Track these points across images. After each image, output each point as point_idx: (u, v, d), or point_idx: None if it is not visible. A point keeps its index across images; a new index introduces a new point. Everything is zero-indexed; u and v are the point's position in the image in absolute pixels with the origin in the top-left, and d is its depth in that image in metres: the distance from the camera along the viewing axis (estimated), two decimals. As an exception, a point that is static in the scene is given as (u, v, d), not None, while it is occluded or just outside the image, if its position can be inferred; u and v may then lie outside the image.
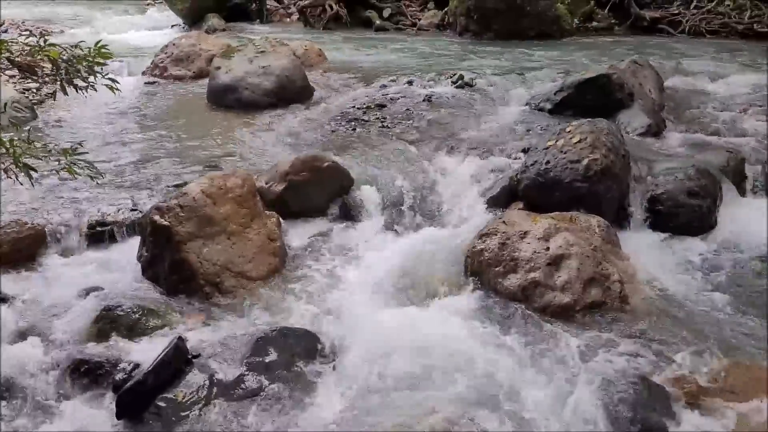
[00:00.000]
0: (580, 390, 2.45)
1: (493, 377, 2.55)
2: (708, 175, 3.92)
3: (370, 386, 2.55)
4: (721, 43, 8.38)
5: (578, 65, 6.41)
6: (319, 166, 3.89)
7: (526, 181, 3.87)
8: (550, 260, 3.14)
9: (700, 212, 3.77)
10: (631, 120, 4.74)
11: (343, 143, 4.64)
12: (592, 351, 2.70)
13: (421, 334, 2.82)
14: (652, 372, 2.56)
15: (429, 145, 4.57)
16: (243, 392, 2.51)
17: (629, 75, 5.18)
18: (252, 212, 3.42)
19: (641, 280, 3.26)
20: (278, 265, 3.37)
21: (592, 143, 3.79)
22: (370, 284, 3.22)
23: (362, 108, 5.20)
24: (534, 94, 5.35)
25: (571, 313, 2.99)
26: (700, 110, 5.17)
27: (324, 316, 3.03)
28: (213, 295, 3.14)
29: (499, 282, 3.16)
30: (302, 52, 6.39)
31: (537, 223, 3.32)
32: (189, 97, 5.86)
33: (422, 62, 7.00)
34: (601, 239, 3.36)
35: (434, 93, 5.50)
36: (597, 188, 3.70)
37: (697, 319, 2.98)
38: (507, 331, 2.85)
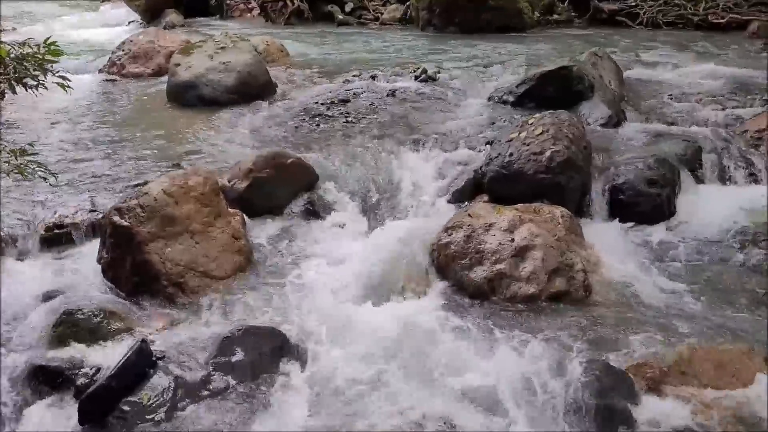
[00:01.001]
0: (546, 378, 2.47)
1: (460, 369, 2.56)
2: (666, 165, 4.00)
3: (338, 384, 2.54)
4: (677, 35, 8.55)
5: (540, 58, 6.47)
6: (282, 163, 3.86)
7: (491, 173, 3.90)
8: (515, 252, 3.17)
9: (659, 201, 3.84)
10: (591, 111, 4.81)
11: (307, 139, 4.60)
12: (556, 339, 2.73)
13: (389, 329, 2.81)
14: (616, 359, 2.60)
15: (393, 139, 4.57)
16: (209, 393, 2.48)
17: (589, 67, 5.25)
18: (215, 211, 3.37)
19: (604, 269, 3.31)
20: (243, 263, 3.33)
21: (554, 135, 3.83)
22: (337, 281, 3.20)
23: (326, 103, 5.17)
24: (497, 87, 5.40)
25: (536, 303, 3.02)
26: (658, 100, 5.27)
27: (291, 313, 3.00)
28: (177, 295, 3.09)
29: (465, 274, 3.18)
30: (264, 48, 6.32)
31: (502, 215, 3.34)
32: (148, 95, 5.75)
33: (385, 57, 7.00)
34: (564, 229, 3.40)
35: (398, 87, 5.50)
36: (560, 179, 3.74)
37: (659, 306, 3.03)
38: (474, 324, 2.86)
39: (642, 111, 5.08)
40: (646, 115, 5.00)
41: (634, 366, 2.54)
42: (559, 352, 2.64)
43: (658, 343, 2.71)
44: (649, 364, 2.55)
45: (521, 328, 2.84)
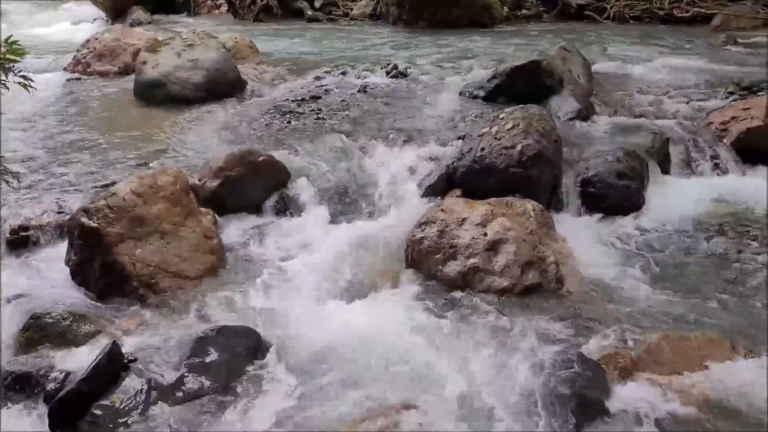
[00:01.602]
0: (520, 370, 2.50)
1: (436, 363, 2.57)
2: (635, 157, 4.06)
3: (314, 382, 2.52)
4: (643, 29, 8.69)
5: (509, 53, 6.51)
6: (254, 161, 3.82)
7: (463, 168, 3.91)
8: (488, 245, 3.18)
9: (629, 192, 3.90)
10: (561, 105, 4.86)
11: (278, 136, 4.57)
12: (530, 332, 2.76)
13: (364, 325, 2.81)
14: (588, 349, 2.63)
15: (365, 135, 4.56)
16: (183, 394, 2.45)
17: (558, 61, 5.30)
18: (186, 210, 3.32)
19: (576, 261, 3.35)
20: (216, 263, 3.29)
21: (525, 129, 3.85)
22: (311, 278, 3.19)
23: (297, 100, 5.14)
24: (467, 82, 5.42)
25: (510, 296, 3.04)
26: (626, 94, 5.34)
27: (265, 312, 2.97)
28: (148, 296, 3.04)
29: (439, 269, 3.19)
30: (233, 45, 6.26)
31: (474, 209, 3.36)
32: (115, 94, 5.65)
33: (356, 53, 6.98)
34: (536, 223, 3.43)
35: (369, 83, 5.50)
36: (531, 173, 3.77)
37: (630, 296, 3.08)
38: (448, 318, 2.88)
39: (610, 104, 5.15)
40: (614, 109, 5.07)
41: (607, 356, 2.57)
42: (533, 344, 2.67)
43: (629, 332, 2.75)
44: (620, 354, 2.59)
45: (495, 321, 2.86)
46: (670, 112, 4.97)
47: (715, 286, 3.17)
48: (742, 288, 3.14)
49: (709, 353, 2.62)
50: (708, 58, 6.48)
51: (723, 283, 3.19)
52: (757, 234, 3.54)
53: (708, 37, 7.95)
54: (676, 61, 6.21)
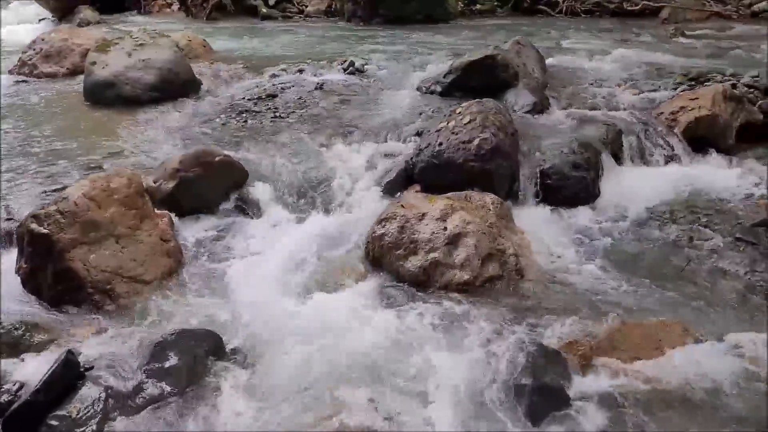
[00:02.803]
0: (481, 362, 2.53)
1: (398, 359, 2.57)
2: (590, 148, 4.13)
3: (276, 382, 2.50)
4: (595, 22, 8.86)
5: (465, 48, 6.56)
6: (210, 161, 3.76)
7: (421, 163, 3.93)
8: (448, 240, 3.20)
9: (584, 183, 3.97)
10: (517, 99, 4.91)
11: (234, 136, 4.51)
12: (491, 323, 2.79)
13: (327, 323, 2.80)
14: (549, 338, 2.68)
15: (323, 133, 4.54)
16: (143, 401, 2.39)
17: (513, 55, 5.36)
18: (141, 213, 3.25)
19: (535, 252, 3.40)
20: (174, 265, 3.23)
21: (482, 123, 3.89)
22: (272, 278, 3.16)
23: (253, 99, 5.09)
24: (424, 77, 5.44)
25: (471, 289, 3.07)
26: (579, 87, 5.43)
27: (226, 314, 2.93)
28: (104, 303, 2.97)
29: (400, 265, 3.19)
30: (186, 44, 6.16)
31: (434, 204, 3.37)
32: (64, 96, 5.49)
33: (312, 50, 6.94)
34: (495, 216, 3.47)
35: (326, 80, 5.47)
36: (489, 166, 3.81)
37: (587, 285, 3.14)
38: (410, 313, 2.88)
39: (565, 97, 5.23)
40: (568, 101, 5.15)
41: (567, 344, 2.62)
42: (494, 335, 2.70)
43: (588, 320, 2.81)
44: (580, 342, 2.64)
45: (457, 314, 2.88)
46: (623, 103, 5.07)
47: (669, 272, 3.26)
48: (694, 273, 3.23)
49: (664, 338, 2.69)
50: (657, 50, 6.65)
51: (676, 269, 3.27)
52: (706, 221, 3.64)
53: (656, 30, 8.16)
54: (627, 54, 6.35)
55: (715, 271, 3.23)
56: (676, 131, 4.55)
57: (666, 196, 3.91)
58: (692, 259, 3.32)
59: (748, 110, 4.72)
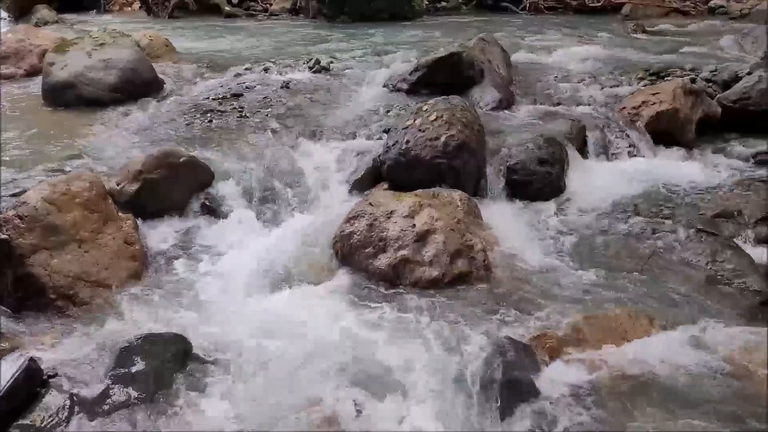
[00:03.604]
0: (451, 357, 2.54)
1: (369, 357, 2.57)
2: (555, 143, 4.18)
3: (247, 384, 2.47)
4: (557, 19, 8.97)
5: (430, 45, 6.58)
6: (175, 162, 3.70)
7: (389, 161, 3.93)
8: (417, 237, 3.21)
9: (550, 178, 4.02)
10: (483, 95, 4.95)
11: (199, 136, 4.45)
12: (461, 319, 2.81)
13: (297, 323, 2.79)
14: (518, 332, 2.70)
15: (290, 132, 4.51)
16: (109, 407, 2.34)
17: (478, 52, 5.40)
18: (104, 216, 3.19)
19: (503, 248, 3.42)
20: (139, 269, 3.18)
21: (448, 120, 3.91)
22: (240, 279, 3.12)
23: (218, 98, 5.02)
24: (390, 75, 5.44)
25: (440, 286, 3.08)
26: (544, 83, 5.50)
27: (194, 317, 2.89)
28: (67, 308, 2.90)
29: (370, 263, 3.19)
30: (147, 43, 6.05)
31: (402, 201, 3.38)
32: (21, 98, 5.34)
33: (277, 48, 6.89)
34: (463, 212, 3.49)
35: (292, 79, 5.43)
36: (456, 163, 3.83)
37: (555, 278, 3.18)
38: (380, 311, 2.88)
39: (530, 93, 5.29)
40: (533, 97, 5.21)
41: (535, 337, 2.65)
42: (464, 331, 2.71)
43: (556, 313, 2.84)
44: (548, 335, 2.66)
45: (427, 311, 2.89)
46: (586, 98, 5.15)
47: (633, 264, 3.31)
48: (658, 265, 3.29)
49: (630, 329, 2.74)
50: (619, 45, 6.76)
51: (640, 261, 3.33)
52: (669, 213, 3.72)
53: (618, 26, 8.30)
54: (590, 50, 6.44)
55: (678, 262, 3.29)
56: (639, 125, 4.63)
57: (629, 189, 3.98)
58: (656, 251, 3.38)
59: (707, 104, 4.83)
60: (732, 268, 3.20)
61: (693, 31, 7.98)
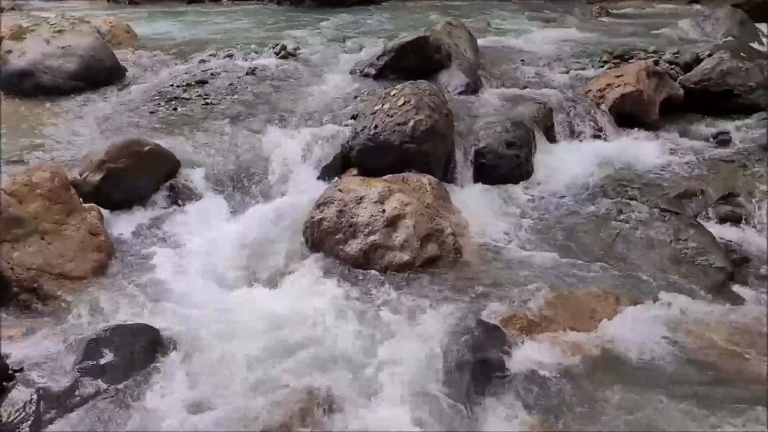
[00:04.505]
0: (423, 340, 2.55)
1: (341, 342, 2.57)
2: (522, 127, 4.21)
3: (219, 373, 2.45)
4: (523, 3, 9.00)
5: (397, 29, 6.56)
6: (139, 151, 3.64)
7: (358, 146, 3.92)
8: (387, 222, 3.21)
9: (518, 161, 4.05)
10: (450, 80, 4.95)
11: (164, 124, 4.37)
12: (432, 302, 2.83)
13: (267, 311, 2.77)
14: (488, 314, 2.73)
15: (257, 119, 4.46)
16: (78, 400, 2.31)
17: (445, 36, 5.40)
18: (67, 207, 3.12)
19: (472, 231, 3.45)
20: (105, 260, 3.12)
21: (416, 105, 3.90)
22: (209, 268, 3.09)
23: (182, 86, 4.94)
24: (358, 60, 5.41)
25: (411, 270, 3.09)
26: (511, 66, 5.53)
27: (162, 306, 2.85)
28: (31, 301, 2.84)
29: (340, 249, 3.18)
30: (108, 30, 5.92)
31: (371, 187, 3.37)
32: (-22, 87, 5.18)
33: (241, 34, 6.78)
34: (432, 196, 3.50)
35: (257, 65, 5.36)
36: (425, 148, 3.83)
37: (524, 260, 3.21)
38: (352, 296, 2.89)
39: (497, 77, 5.31)
40: (500, 81, 5.23)
41: (505, 318, 2.68)
42: (435, 314, 2.73)
43: (525, 294, 2.88)
44: (518, 315, 2.70)
45: (398, 295, 2.90)
46: (553, 82, 5.19)
47: (600, 244, 3.37)
48: (623, 244, 3.35)
49: (598, 308, 2.79)
50: (583, 29, 6.83)
51: (607, 241, 3.39)
52: (634, 193, 3.77)
53: (582, 9, 8.37)
54: (555, 33, 6.49)
55: (643, 241, 3.36)
56: (604, 108, 4.69)
57: (596, 171, 4.03)
58: (622, 231, 3.44)
59: (670, 86, 4.91)
60: (695, 246, 3.27)
61: (655, 14, 8.10)
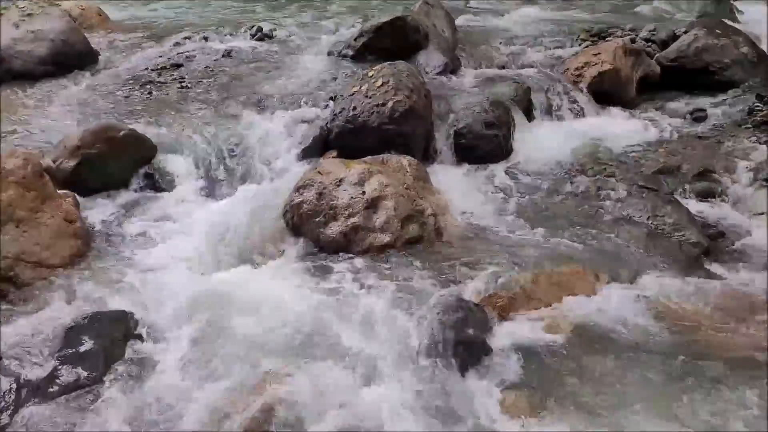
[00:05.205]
0: (405, 321, 2.57)
1: (324, 324, 2.57)
2: (501, 106, 4.21)
3: (199, 358, 2.45)
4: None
5: (374, 9, 6.49)
6: (114, 136, 3.58)
7: (337, 129, 3.89)
8: (367, 204, 3.20)
9: (497, 141, 4.05)
10: (428, 60, 4.93)
11: (139, 109, 4.30)
12: (413, 283, 2.84)
13: (248, 295, 2.76)
14: (469, 293, 2.74)
15: (234, 102, 4.40)
16: (58, 388, 2.29)
17: (423, 16, 5.35)
18: (41, 194, 3.07)
19: (453, 211, 3.45)
20: (82, 247, 3.08)
21: (395, 85, 3.88)
22: (188, 253, 3.07)
23: (156, 69, 4.86)
24: (335, 41, 5.36)
25: (392, 251, 3.09)
26: (489, 46, 5.51)
27: (141, 293, 2.83)
28: (8, 291, 2.80)
29: (321, 232, 3.17)
30: (79, 13, 5.78)
31: (351, 169, 3.35)
32: (-54, 73, 5.05)
33: (216, 16, 6.66)
34: (413, 177, 3.49)
35: (233, 48, 5.29)
36: (404, 129, 3.81)
37: (504, 240, 3.23)
38: (333, 278, 2.89)
39: (475, 57, 5.29)
40: (478, 61, 5.21)
41: (486, 297, 2.70)
42: (417, 294, 2.74)
43: (506, 273, 2.89)
44: (498, 294, 2.72)
45: (379, 276, 2.90)
46: (531, 61, 5.19)
47: (579, 222, 3.39)
48: (602, 222, 3.38)
49: (577, 285, 2.82)
50: (561, 7, 6.82)
51: (585, 219, 3.41)
52: (612, 171, 3.80)
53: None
54: (533, 12, 6.48)
55: (621, 218, 3.39)
56: (582, 86, 4.71)
57: (574, 149, 4.05)
58: (600, 208, 3.47)
59: (647, 63, 4.94)
60: (672, 222, 3.31)
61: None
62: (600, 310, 2.67)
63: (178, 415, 2.21)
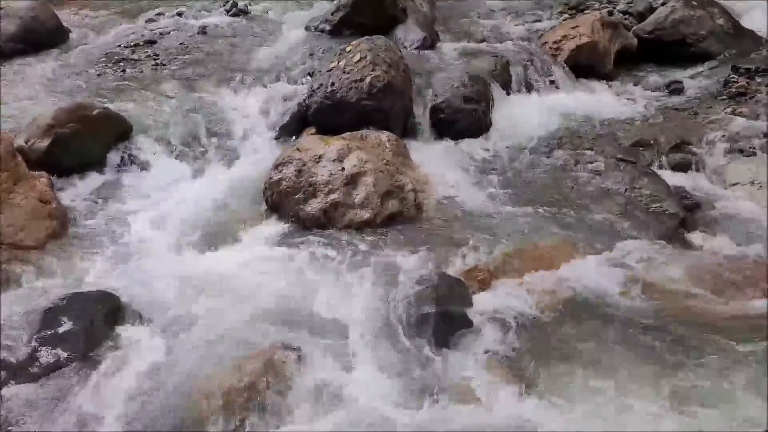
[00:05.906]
0: (386, 296, 2.58)
1: (305, 301, 2.58)
2: (480, 81, 4.20)
3: (182, 337, 2.44)
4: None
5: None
6: (88, 115, 3.52)
7: (315, 105, 3.86)
8: (346, 180, 3.19)
9: (476, 116, 4.04)
10: (406, 35, 4.88)
11: (113, 87, 4.23)
12: (394, 258, 2.84)
13: (229, 273, 2.75)
14: (450, 267, 2.76)
15: (210, 79, 4.35)
16: (37, 371, 2.27)
17: (401, -10, 5.29)
18: (14, 175, 3.01)
19: (433, 186, 3.45)
20: (57, 228, 3.03)
21: (373, 61, 3.84)
22: (167, 232, 3.04)
23: (130, 46, 4.77)
24: (312, 16, 5.28)
25: (372, 227, 3.09)
26: (467, 20, 5.48)
27: (121, 273, 2.81)
28: (-17, 273, 2.76)
29: (300, 209, 3.16)
30: (48, -11, 5.62)
31: (330, 145, 3.33)
32: None
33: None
34: (392, 153, 3.48)
35: (208, 24, 5.21)
36: (382, 104, 3.79)
37: (484, 213, 3.24)
38: (313, 255, 2.88)
39: (454, 31, 5.26)
40: (457, 35, 5.18)
41: (466, 271, 2.72)
42: (398, 269, 2.76)
43: (486, 246, 2.91)
44: (479, 268, 2.74)
45: (360, 252, 2.91)
46: (509, 34, 5.17)
47: (558, 195, 3.41)
48: (581, 194, 3.40)
49: (556, 257, 2.85)
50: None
51: (564, 192, 3.43)
52: (590, 144, 3.82)
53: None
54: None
55: (599, 190, 3.42)
56: (560, 59, 4.69)
57: (553, 123, 4.07)
58: (579, 181, 3.49)
59: (624, 36, 4.94)
60: (649, 194, 3.34)
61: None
62: (580, 281, 2.71)
63: (161, 394, 2.20)
